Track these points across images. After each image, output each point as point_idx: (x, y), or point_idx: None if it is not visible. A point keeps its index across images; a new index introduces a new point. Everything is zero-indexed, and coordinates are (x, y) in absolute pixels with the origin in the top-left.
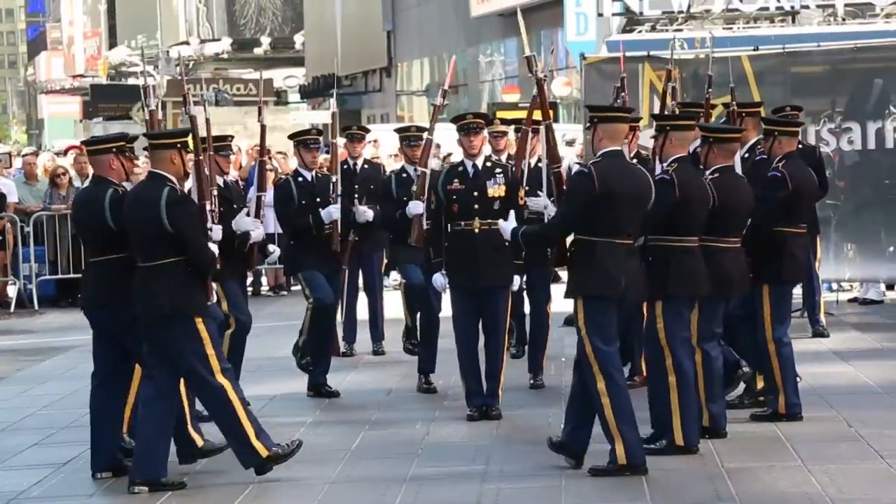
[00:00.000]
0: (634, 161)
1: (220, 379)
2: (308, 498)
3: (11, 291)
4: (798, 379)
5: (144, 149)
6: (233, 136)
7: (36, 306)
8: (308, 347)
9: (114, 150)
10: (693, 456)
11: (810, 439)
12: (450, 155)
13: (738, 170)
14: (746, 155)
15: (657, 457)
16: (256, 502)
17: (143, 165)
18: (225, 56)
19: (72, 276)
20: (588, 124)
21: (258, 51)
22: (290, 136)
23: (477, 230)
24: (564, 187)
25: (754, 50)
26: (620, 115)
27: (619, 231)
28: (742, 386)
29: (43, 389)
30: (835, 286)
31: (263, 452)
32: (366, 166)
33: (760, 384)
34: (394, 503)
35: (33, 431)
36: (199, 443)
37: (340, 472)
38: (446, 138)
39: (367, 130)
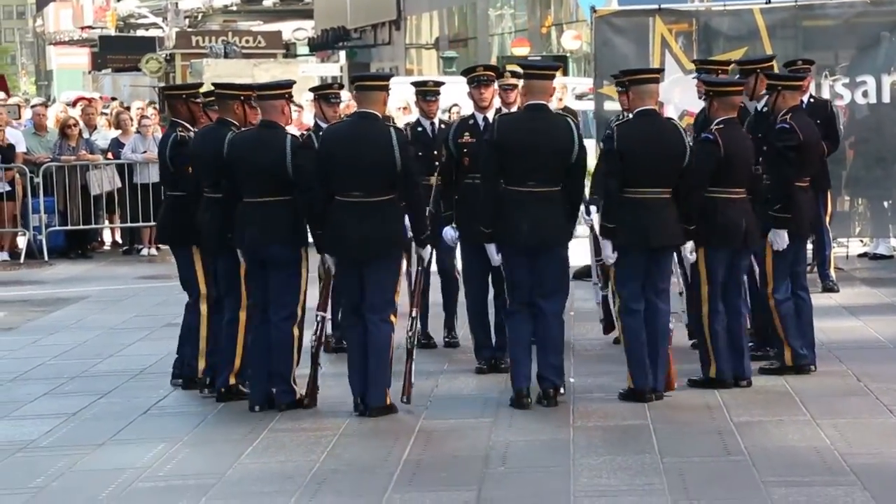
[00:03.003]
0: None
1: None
2: (318, 449)
3: (21, 242)
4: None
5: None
6: (341, 85)
7: (46, 257)
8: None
9: (286, 96)
10: (701, 410)
11: (820, 394)
12: (454, 106)
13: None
14: (764, 109)
15: (666, 411)
16: (267, 453)
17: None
18: (234, 8)
19: (81, 227)
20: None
21: (267, 3)
22: (312, 90)
23: None
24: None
25: (767, 3)
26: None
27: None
28: None
29: (52, 340)
30: (845, 241)
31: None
32: None
33: None
34: (402, 455)
35: (43, 381)
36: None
37: (350, 423)
38: (457, 92)
39: None
